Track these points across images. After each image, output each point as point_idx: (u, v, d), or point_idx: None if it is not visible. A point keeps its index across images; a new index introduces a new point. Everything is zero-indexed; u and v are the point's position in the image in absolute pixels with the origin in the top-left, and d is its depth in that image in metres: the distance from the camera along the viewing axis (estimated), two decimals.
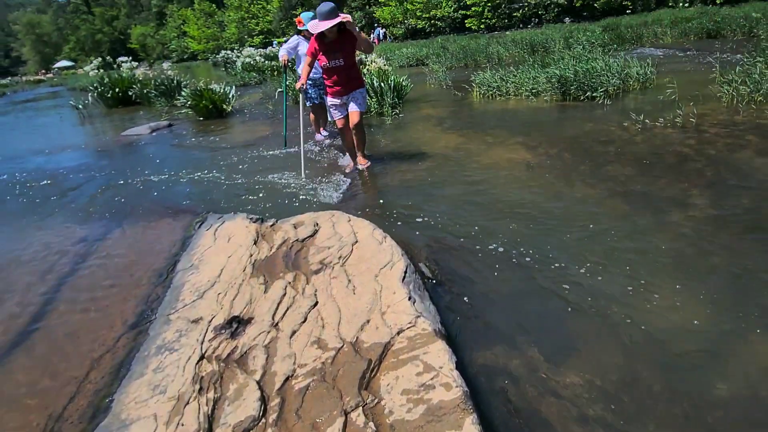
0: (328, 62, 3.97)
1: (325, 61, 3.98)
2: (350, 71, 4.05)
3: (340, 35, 3.94)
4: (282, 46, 5.68)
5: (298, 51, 5.49)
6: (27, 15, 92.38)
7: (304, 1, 50.17)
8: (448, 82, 9.29)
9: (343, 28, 3.91)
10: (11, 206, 4.68)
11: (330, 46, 3.95)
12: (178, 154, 6.24)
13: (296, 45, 5.47)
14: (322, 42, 3.97)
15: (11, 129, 11.83)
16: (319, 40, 3.97)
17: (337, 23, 3.77)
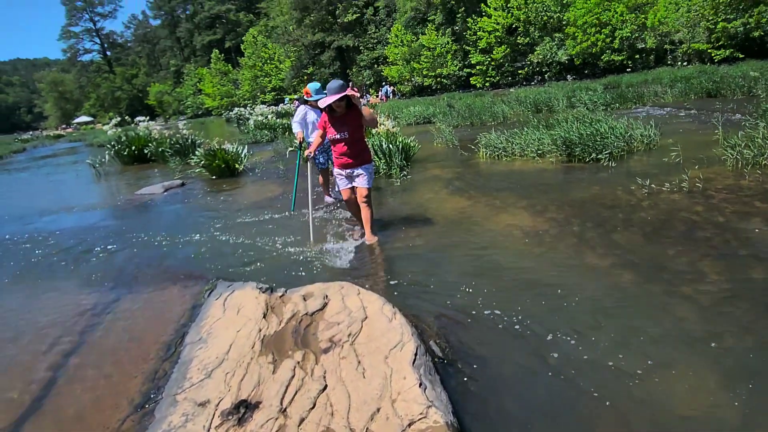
0: (335, 134, 4.13)
1: (333, 133, 4.14)
2: (356, 144, 4.19)
3: (348, 110, 4.13)
4: (292, 119, 5.90)
5: (306, 120, 5.74)
6: (51, 74, 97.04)
7: (315, 61, 52.50)
8: (454, 141, 9.51)
9: (351, 104, 4.11)
10: (20, 268, 4.74)
11: (338, 120, 4.13)
12: (190, 215, 6.35)
13: (305, 114, 5.74)
14: (331, 116, 4.16)
15: (28, 185, 12.17)
16: (328, 113, 4.17)
17: (345, 98, 3.99)
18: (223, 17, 72.76)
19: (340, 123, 4.14)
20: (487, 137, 8.04)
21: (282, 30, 56.48)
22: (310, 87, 5.60)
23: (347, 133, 4.12)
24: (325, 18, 50.78)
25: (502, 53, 36.25)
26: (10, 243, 5.81)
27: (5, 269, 4.79)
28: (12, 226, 6.85)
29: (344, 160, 4.22)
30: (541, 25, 35.53)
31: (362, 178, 4.24)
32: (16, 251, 5.41)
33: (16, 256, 5.21)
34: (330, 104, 4.05)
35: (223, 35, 73.03)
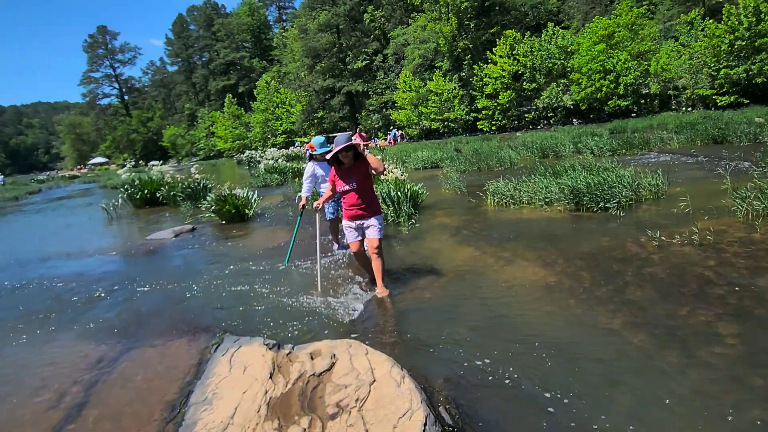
0: (344, 186, 4.20)
1: (342, 185, 4.22)
2: (365, 195, 4.24)
3: (356, 161, 4.21)
4: (303, 177, 5.98)
5: (315, 174, 5.86)
6: (70, 117, 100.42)
7: (325, 105, 53.88)
8: (462, 188, 9.59)
9: (358, 155, 4.20)
10: (23, 316, 4.74)
11: (345, 172, 4.21)
12: (199, 262, 6.37)
13: (313, 170, 5.85)
14: (339, 168, 4.25)
15: (41, 228, 12.34)
16: (336, 166, 4.26)
17: (352, 149, 4.11)
18: (237, 64, 75.56)
19: (348, 175, 4.21)
20: (494, 184, 8.11)
21: (294, 76, 58.34)
22: (315, 141, 5.72)
23: (356, 184, 4.18)
24: (336, 65, 52.50)
25: (508, 98, 37.02)
26: (16, 288, 5.85)
27: (8, 316, 4.80)
28: (20, 270, 6.91)
29: (354, 212, 4.25)
30: (546, 72, 36.40)
31: (373, 229, 4.26)
32: (21, 297, 5.44)
33: (21, 302, 5.23)
34: (338, 156, 4.14)
35: (237, 80, 75.61)
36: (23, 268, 7.20)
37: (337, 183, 4.27)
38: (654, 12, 36.57)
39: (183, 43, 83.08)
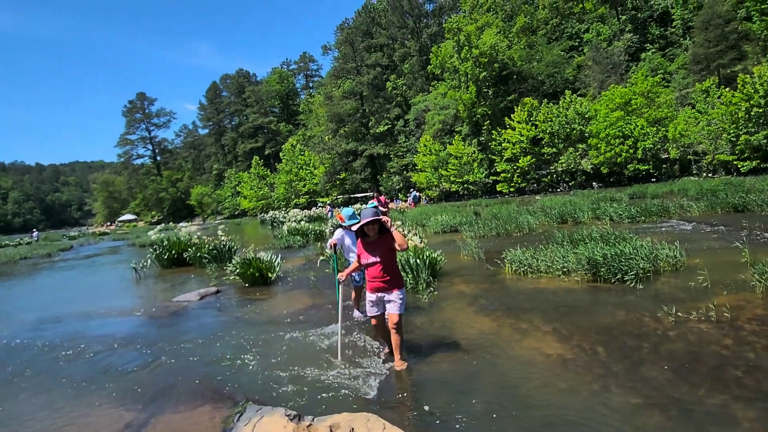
0: (368, 259, 4.38)
1: (366, 258, 4.39)
2: (389, 269, 4.38)
3: (381, 235, 4.43)
4: (333, 237, 6.24)
5: (344, 242, 6.14)
6: (104, 176, 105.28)
7: (348, 167, 55.44)
8: (480, 255, 9.73)
9: (384, 229, 4.42)
10: (52, 378, 4.92)
11: (370, 244, 4.41)
12: (222, 326, 6.55)
13: (342, 237, 6.14)
14: (365, 240, 4.46)
15: (73, 286, 12.78)
16: (362, 239, 4.48)
17: (377, 223, 4.33)
18: (265, 127, 79.22)
19: (372, 247, 4.38)
20: (512, 252, 8.24)
21: (318, 139, 60.68)
22: (344, 213, 5.97)
23: (380, 257, 4.33)
24: (359, 129, 54.56)
25: (527, 162, 37.64)
26: (45, 347, 6.08)
27: (35, 376, 5.00)
28: (50, 328, 7.19)
29: (376, 284, 4.38)
30: (565, 137, 37.13)
31: (394, 305, 4.34)
32: (49, 357, 5.66)
33: (49, 362, 5.45)
34: (363, 229, 4.38)
35: (264, 143, 78.93)
36: (53, 326, 7.49)
37: (362, 255, 4.45)
38: (669, 81, 37.53)
39: (215, 108, 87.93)
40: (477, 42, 40.29)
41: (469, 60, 40.88)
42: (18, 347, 6.39)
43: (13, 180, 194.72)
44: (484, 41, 39.94)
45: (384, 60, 56.89)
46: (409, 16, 58.23)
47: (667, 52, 41.12)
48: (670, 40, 41.73)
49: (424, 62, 54.01)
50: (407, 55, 57.74)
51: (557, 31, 48.09)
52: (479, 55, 40.00)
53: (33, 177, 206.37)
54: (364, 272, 4.83)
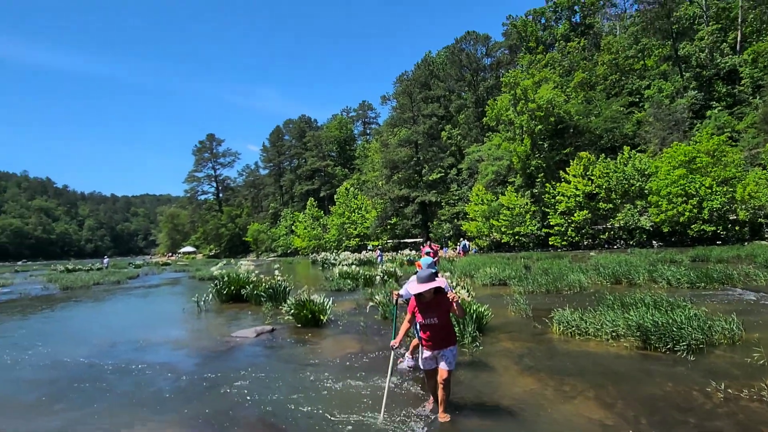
0: (423, 320, 4.48)
1: (421, 319, 4.50)
2: (444, 329, 4.50)
3: (437, 296, 4.51)
4: (404, 287, 6.23)
5: (408, 289, 5.94)
6: (171, 209, 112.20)
7: (399, 213, 56.25)
8: (528, 312, 9.75)
9: (439, 291, 4.56)
10: (116, 403, 5.45)
11: (426, 305, 4.49)
12: (275, 367, 6.95)
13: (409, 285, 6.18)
14: (420, 302, 4.55)
15: (139, 314, 13.78)
16: (417, 299, 4.58)
17: (434, 287, 4.45)
18: (322, 171, 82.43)
19: (428, 309, 4.46)
20: (561, 312, 8.26)
21: (372, 184, 62.28)
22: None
23: (436, 319, 4.42)
24: (412, 176, 55.62)
25: (582, 216, 36.84)
26: (113, 369, 6.71)
27: (100, 401, 5.56)
28: (117, 353, 7.88)
29: (431, 344, 4.50)
30: (623, 193, 36.25)
31: (446, 361, 4.47)
32: (114, 382, 6.25)
33: (113, 386, 6.03)
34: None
35: (320, 185, 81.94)
36: (124, 350, 8.19)
37: (417, 315, 4.54)
38: (737, 140, 36.14)
39: (277, 150, 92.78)
40: (533, 96, 40.80)
41: (524, 113, 41.34)
42: (94, 367, 7.09)
43: (90, 208, 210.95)
44: (540, 95, 40.40)
45: (440, 110, 58.46)
46: (466, 69, 60.02)
47: (734, 110, 39.77)
48: (738, 98, 40.42)
49: (480, 114, 55.04)
50: (463, 107, 59.12)
51: (616, 87, 47.84)
52: (535, 108, 40.39)
53: (107, 207, 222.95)
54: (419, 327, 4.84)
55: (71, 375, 6.81)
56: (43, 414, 5.23)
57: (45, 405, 5.54)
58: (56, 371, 7.09)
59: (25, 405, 5.58)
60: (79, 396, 5.82)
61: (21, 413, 5.28)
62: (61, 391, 6.03)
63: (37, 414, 5.23)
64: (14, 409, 5.42)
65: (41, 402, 5.66)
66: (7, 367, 7.46)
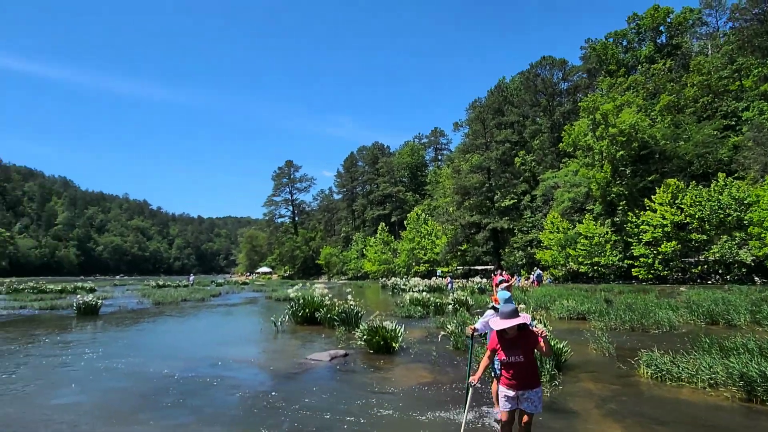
0: (507, 357, 4.17)
1: (504, 356, 4.19)
2: (530, 368, 4.19)
3: (520, 332, 4.21)
4: (480, 321, 6.09)
5: (490, 325, 5.97)
6: (250, 231, 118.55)
7: (470, 239, 55.43)
8: (611, 350, 9.18)
9: (523, 327, 4.28)
10: (198, 418, 5.78)
11: (510, 342, 4.21)
12: (349, 391, 7.06)
13: (488, 320, 5.69)
14: (503, 338, 4.26)
15: (222, 331, 14.59)
16: (499, 335, 4.29)
17: (517, 323, 4.17)
18: (393, 196, 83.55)
19: (512, 345, 4.17)
20: (649, 354, 7.71)
21: (443, 210, 62.08)
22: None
23: (521, 357, 4.12)
24: (484, 202, 54.82)
25: (671, 248, 34.22)
26: (200, 382, 7.13)
27: (181, 415, 5.92)
28: (203, 367, 8.37)
29: (514, 383, 4.17)
30: (718, 223, 33.37)
31: (531, 404, 4.18)
32: (202, 392, 6.63)
33: (197, 400, 6.40)
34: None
35: (391, 211, 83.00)
36: (201, 366, 8.69)
37: (499, 353, 4.26)
38: None
39: (350, 176, 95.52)
40: (614, 120, 39.01)
41: (605, 138, 39.57)
42: (176, 380, 7.60)
43: (179, 229, 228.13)
44: (622, 120, 38.54)
45: (514, 136, 57.50)
46: (542, 94, 58.83)
47: None
48: None
49: (555, 139, 53.43)
50: (538, 132, 57.74)
51: (709, 110, 44.48)
52: (617, 133, 38.54)
53: (194, 227, 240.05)
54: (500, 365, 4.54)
55: (156, 386, 7.37)
56: (130, 423, 5.66)
57: (131, 414, 6.00)
58: (142, 382, 7.70)
59: (115, 412, 6.08)
60: (161, 408, 6.26)
61: (111, 420, 5.76)
62: (145, 402, 6.52)
63: (125, 423, 5.67)
64: (106, 416, 5.92)
65: (128, 410, 6.15)
66: (100, 375, 8.21)
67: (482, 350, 7.62)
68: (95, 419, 5.77)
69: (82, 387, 7.37)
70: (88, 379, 7.92)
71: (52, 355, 10.16)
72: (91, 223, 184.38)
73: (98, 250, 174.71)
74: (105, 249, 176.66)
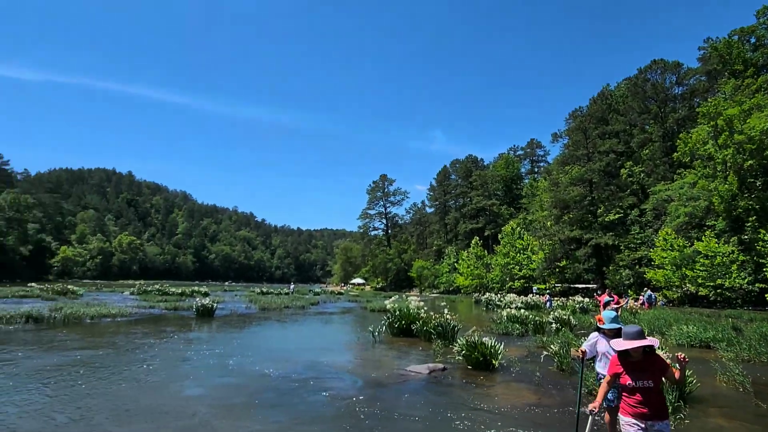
0: (633, 382, 3.81)
1: (630, 380, 3.83)
2: (658, 396, 3.83)
3: (646, 356, 3.87)
4: (586, 342, 5.76)
5: (597, 349, 5.53)
6: (345, 243, 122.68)
7: (569, 255, 52.47)
8: (747, 385, 8.16)
9: (649, 350, 3.89)
10: (287, 417, 6.05)
11: (636, 366, 3.86)
12: (449, 406, 6.97)
13: (595, 342, 5.55)
14: (626, 361, 3.91)
15: (323, 338, 15.25)
16: (621, 358, 3.94)
17: (643, 345, 3.81)
18: (487, 209, 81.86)
19: (639, 369, 3.83)
20: None
21: (540, 224, 59.50)
22: (605, 315, 5.41)
23: (651, 382, 3.76)
24: (585, 216, 51.74)
25: None
26: (291, 387, 7.50)
27: (281, 417, 6.24)
28: (297, 371, 8.80)
29: (644, 411, 3.77)
30: None
31: None
32: (293, 395, 6.96)
33: (290, 400, 6.71)
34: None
35: (485, 224, 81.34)
36: (302, 370, 9.14)
37: (623, 377, 3.89)
38: None
39: (443, 189, 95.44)
40: (741, 126, 34.89)
41: (729, 146, 35.52)
42: (279, 381, 8.07)
43: (281, 239, 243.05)
44: (751, 125, 34.33)
45: (619, 146, 53.73)
46: (652, 100, 54.43)
47: None
48: None
49: (668, 149, 48.99)
50: (647, 141, 53.37)
51: None
52: (744, 140, 34.41)
53: (294, 238, 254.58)
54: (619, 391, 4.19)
55: (262, 385, 7.96)
56: (243, 418, 6.14)
57: (243, 409, 6.52)
58: (250, 380, 8.37)
59: (231, 406, 6.64)
60: (267, 406, 6.73)
61: (231, 414, 6.28)
62: (253, 399, 7.06)
63: (240, 417, 6.15)
64: (225, 410, 6.47)
65: (241, 405, 6.68)
66: (214, 371, 9.04)
67: (591, 375, 7.22)
68: (217, 411, 6.36)
69: (200, 381, 8.17)
70: (205, 373, 8.79)
71: (177, 350, 11.37)
72: (205, 233, 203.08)
73: (211, 257, 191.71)
74: (216, 257, 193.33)
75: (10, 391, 7.01)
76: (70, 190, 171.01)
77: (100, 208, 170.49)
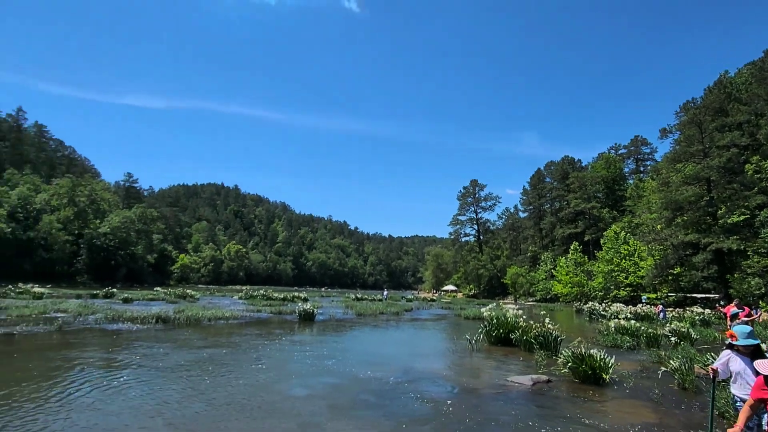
0: None
1: None
2: None
3: None
4: (718, 361, 5.16)
5: (729, 368, 5.00)
6: (436, 249, 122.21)
7: (684, 262, 47.67)
8: None
9: None
10: (384, 418, 6.10)
11: None
12: (556, 424, 6.65)
13: (727, 361, 5.01)
14: None
15: (420, 345, 15.36)
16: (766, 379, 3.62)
17: None
18: (586, 213, 77.06)
19: None
20: None
21: (648, 228, 54.86)
22: (737, 330, 4.89)
23: None
24: (702, 218, 46.79)
25: None
26: (388, 390, 7.57)
27: (378, 416, 6.31)
28: (395, 375, 8.90)
29: None
30: None
31: None
32: (390, 398, 7.01)
33: (387, 402, 6.77)
34: None
35: (584, 229, 76.61)
36: (399, 374, 9.29)
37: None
38: None
39: (537, 193, 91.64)
40: None
41: None
42: (377, 384, 8.23)
43: (373, 247, 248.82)
44: None
45: (743, 139, 47.82)
46: None
47: None
48: None
49: None
50: None
51: None
52: None
53: (385, 246, 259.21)
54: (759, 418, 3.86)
55: (361, 387, 8.31)
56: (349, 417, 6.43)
57: (347, 409, 6.83)
58: (350, 381, 8.75)
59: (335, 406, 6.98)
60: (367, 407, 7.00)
61: (336, 413, 6.57)
62: (355, 400, 7.40)
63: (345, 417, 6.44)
64: (330, 409, 6.79)
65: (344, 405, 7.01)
66: (316, 372, 9.56)
67: (721, 395, 6.57)
68: (323, 410, 6.74)
69: (304, 381, 8.68)
70: (309, 373, 9.36)
71: (284, 350, 12.22)
72: (302, 241, 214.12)
73: (308, 265, 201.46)
74: (313, 264, 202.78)
75: (167, 380, 8.22)
76: (187, 203, 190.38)
77: (212, 219, 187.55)
